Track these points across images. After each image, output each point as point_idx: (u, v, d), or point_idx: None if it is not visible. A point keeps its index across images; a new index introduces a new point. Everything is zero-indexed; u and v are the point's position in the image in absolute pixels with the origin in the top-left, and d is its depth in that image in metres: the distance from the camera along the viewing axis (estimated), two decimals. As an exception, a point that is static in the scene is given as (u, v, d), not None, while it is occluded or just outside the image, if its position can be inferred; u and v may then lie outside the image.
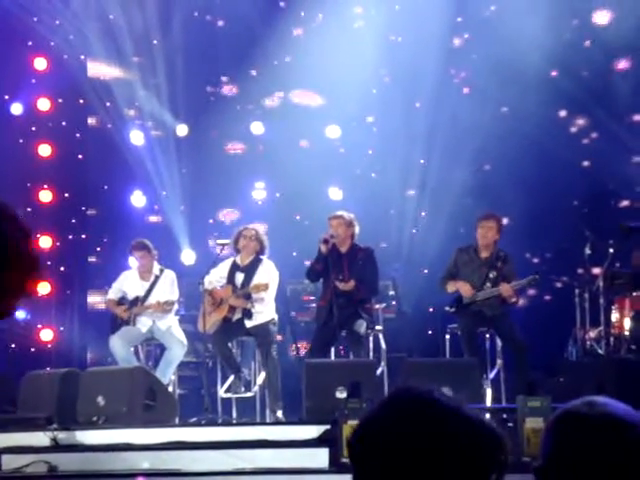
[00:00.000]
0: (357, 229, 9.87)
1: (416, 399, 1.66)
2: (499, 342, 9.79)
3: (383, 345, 9.95)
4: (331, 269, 9.61)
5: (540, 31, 11.79)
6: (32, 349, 12.39)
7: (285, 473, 7.25)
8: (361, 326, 9.61)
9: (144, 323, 10.16)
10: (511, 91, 12.00)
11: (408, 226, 12.85)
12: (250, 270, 9.92)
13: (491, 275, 9.72)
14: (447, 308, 9.89)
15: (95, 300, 12.83)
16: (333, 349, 9.96)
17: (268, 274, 9.85)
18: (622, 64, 12.44)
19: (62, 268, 12.79)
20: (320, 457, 7.32)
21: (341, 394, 8.42)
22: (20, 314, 12.49)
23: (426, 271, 12.31)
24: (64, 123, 13.04)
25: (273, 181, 13.31)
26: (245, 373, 9.88)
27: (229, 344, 9.88)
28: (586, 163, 12.67)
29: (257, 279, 9.80)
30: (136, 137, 13.14)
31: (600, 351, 10.19)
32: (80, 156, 13.08)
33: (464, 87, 12.94)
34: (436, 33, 12.26)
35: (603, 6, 12.36)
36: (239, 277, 9.94)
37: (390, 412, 1.67)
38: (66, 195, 12.89)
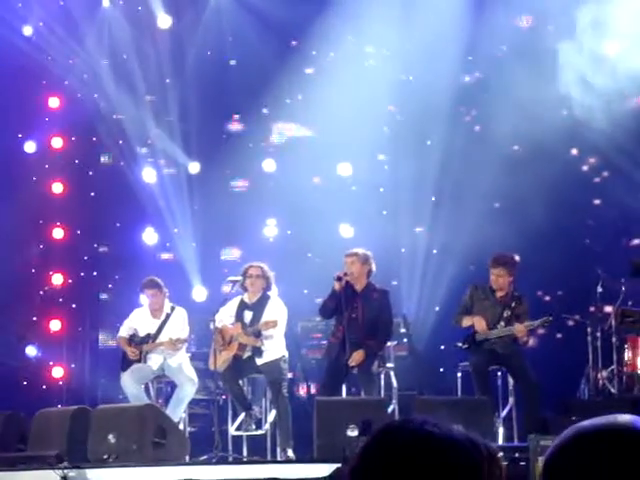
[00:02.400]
0: (373, 267, 9.85)
1: (405, 430, 1.67)
2: (511, 380, 9.75)
3: (394, 383, 9.92)
4: (344, 307, 9.60)
5: (551, 69, 11.82)
6: (43, 386, 12.39)
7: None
8: (372, 364, 9.58)
9: (155, 360, 10.15)
10: (522, 129, 12.02)
11: (419, 264, 12.83)
12: (258, 308, 9.92)
13: (505, 314, 9.71)
14: (459, 344, 9.84)
15: (106, 337, 12.83)
16: (344, 387, 9.92)
17: (277, 311, 9.84)
18: (633, 102, 12.43)
19: (73, 305, 12.82)
20: (331, 496, 7.29)
21: (352, 432, 8.39)
22: (31, 351, 12.50)
23: (437, 309, 12.28)
24: (77, 161, 13.13)
25: (284, 218, 13.32)
26: (256, 411, 9.83)
27: (240, 382, 9.86)
28: (597, 201, 12.66)
29: (266, 316, 9.79)
30: (148, 175, 13.18)
31: (613, 390, 10.14)
32: (92, 193, 13.15)
33: (475, 125, 12.97)
34: (447, 72, 12.32)
35: (613, 37, 12.31)
36: (247, 315, 9.94)
37: (382, 444, 1.67)
38: (78, 232, 12.94)
